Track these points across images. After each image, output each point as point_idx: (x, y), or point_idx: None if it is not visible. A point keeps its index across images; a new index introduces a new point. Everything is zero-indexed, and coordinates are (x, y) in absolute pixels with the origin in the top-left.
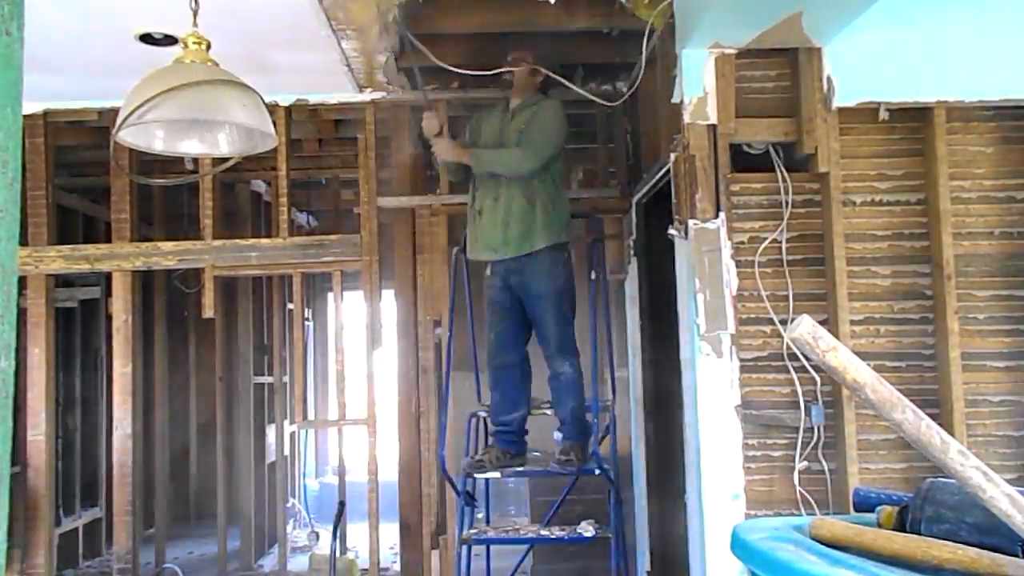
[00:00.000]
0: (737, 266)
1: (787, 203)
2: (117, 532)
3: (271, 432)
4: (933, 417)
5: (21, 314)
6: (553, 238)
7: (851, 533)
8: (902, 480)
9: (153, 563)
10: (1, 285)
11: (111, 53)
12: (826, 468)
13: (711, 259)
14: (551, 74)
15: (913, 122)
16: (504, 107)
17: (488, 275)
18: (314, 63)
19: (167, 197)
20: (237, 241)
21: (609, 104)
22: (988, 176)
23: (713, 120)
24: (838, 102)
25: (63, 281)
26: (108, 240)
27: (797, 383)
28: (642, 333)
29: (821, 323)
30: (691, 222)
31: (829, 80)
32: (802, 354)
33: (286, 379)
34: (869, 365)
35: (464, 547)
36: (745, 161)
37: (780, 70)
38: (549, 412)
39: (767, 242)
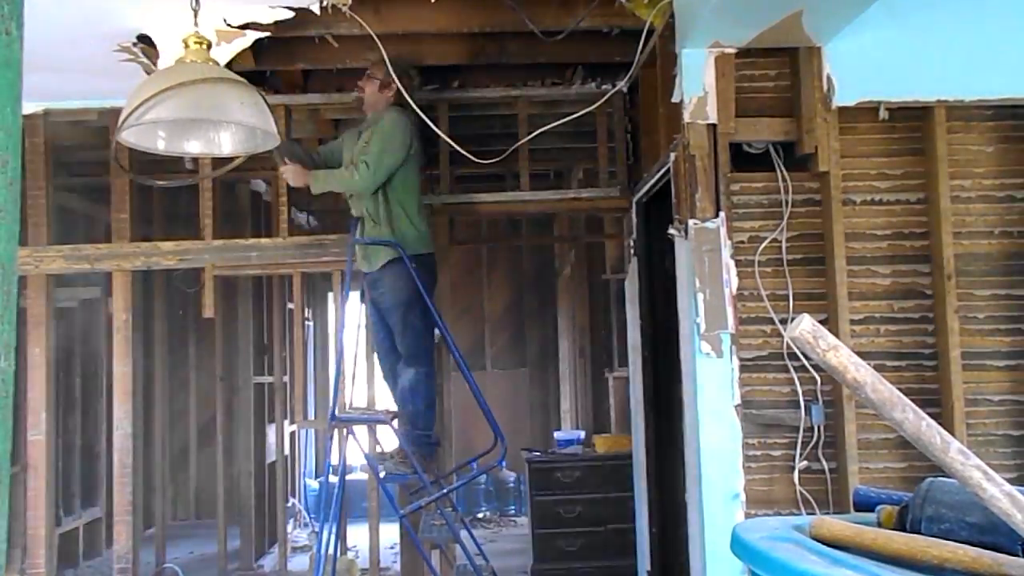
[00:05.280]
0: (737, 265)
1: (787, 202)
2: (117, 532)
3: (271, 432)
4: (933, 416)
5: (21, 314)
6: (391, 254)
7: (851, 533)
8: (902, 479)
9: (153, 563)
10: (1, 285)
11: (111, 53)
12: (826, 467)
13: (711, 258)
14: (400, 84)
15: (913, 121)
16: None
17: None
18: None
19: (167, 197)
20: (237, 241)
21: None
22: (988, 175)
23: (713, 119)
24: (838, 101)
25: (63, 281)
26: (108, 240)
27: (797, 382)
28: (642, 333)
29: (821, 322)
30: (691, 221)
31: (829, 79)
32: (802, 353)
33: (286, 379)
34: (869, 364)
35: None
36: (745, 160)
37: (780, 69)
38: None
39: (767, 241)
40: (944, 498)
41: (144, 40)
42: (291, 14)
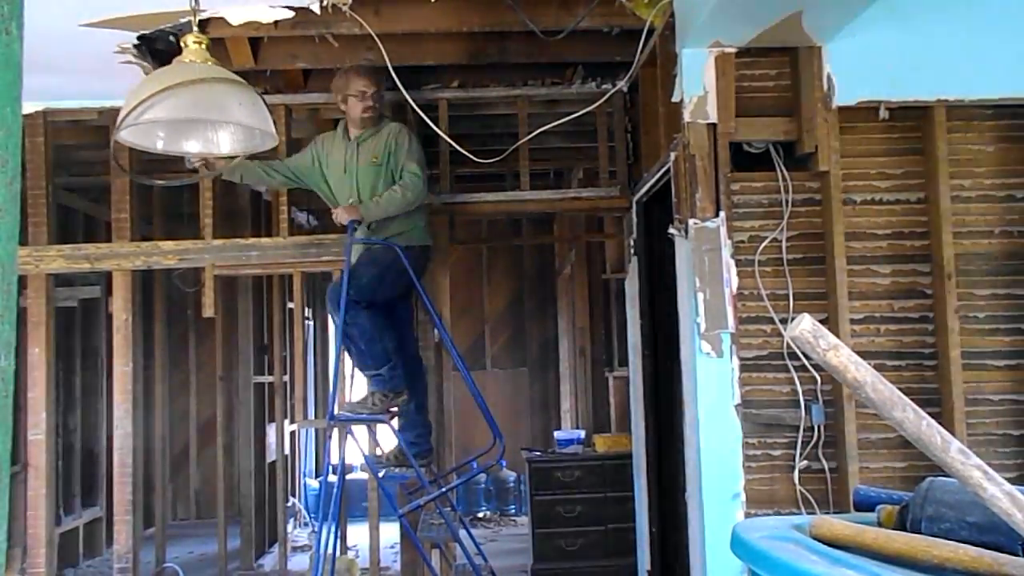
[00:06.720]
0: (737, 265)
1: (787, 202)
2: (117, 531)
3: (271, 432)
4: (933, 416)
5: (21, 314)
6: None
7: (851, 532)
8: (902, 479)
9: (153, 563)
10: (1, 285)
11: (111, 54)
12: (826, 467)
13: (711, 258)
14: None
15: (913, 121)
16: (344, 135)
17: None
18: None
19: (167, 197)
20: (237, 240)
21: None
22: (988, 175)
23: (713, 119)
24: (838, 101)
25: (63, 281)
26: (108, 240)
27: (797, 382)
28: (642, 333)
29: (821, 322)
30: (691, 221)
31: (829, 79)
32: (802, 353)
33: (286, 379)
34: (869, 364)
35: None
36: (745, 160)
37: (780, 69)
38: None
39: (767, 241)
40: (944, 498)
41: (144, 41)
42: (291, 14)
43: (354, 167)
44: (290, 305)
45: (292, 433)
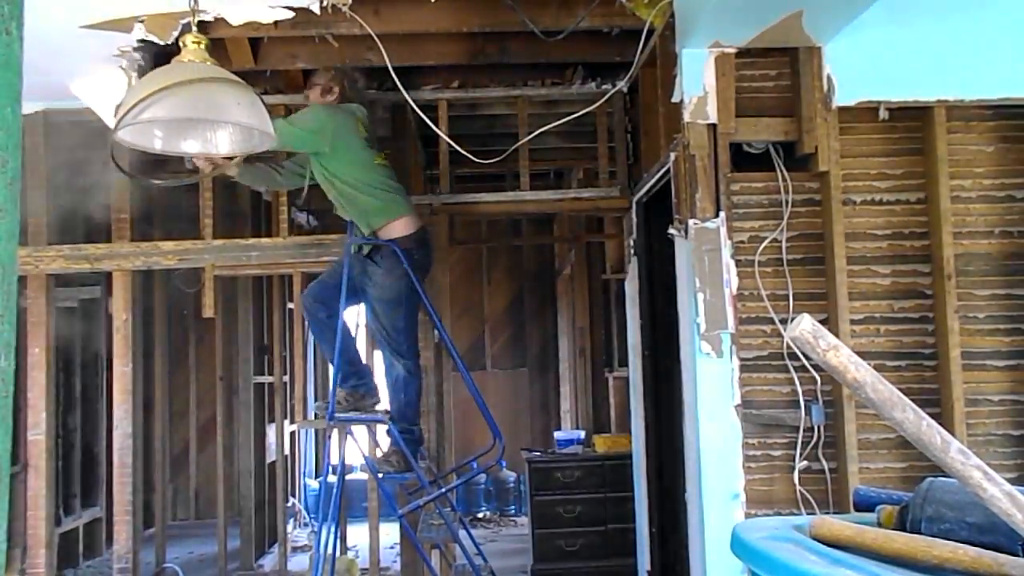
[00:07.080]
0: (737, 265)
1: (787, 202)
2: (117, 532)
3: (271, 432)
4: (933, 416)
5: (21, 314)
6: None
7: (851, 533)
8: (902, 479)
9: (153, 563)
10: (1, 285)
11: (111, 55)
12: (826, 467)
13: (711, 258)
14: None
15: (913, 121)
16: None
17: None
18: None
19: (167, 197)
20: (237, 241)
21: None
22: (988, 175)
23: (713, 119)
24: (838, 101)
25: (63, 281)
26: (108, 240)
27: (797, 382)
28: (642, 333)
29: (821, 322)
30: (691, 221)
31: (829, 79)
32: (802, 353)
33: (286, 379)
34: (869, 364)
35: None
36: (745, 160)
37: (780, 69)
38: None
39: (767, 241)
40: (944, 498)
41: (143, 42)
42: (291, 14)
43: None
44: (290, 305)
45: (292, 433)
